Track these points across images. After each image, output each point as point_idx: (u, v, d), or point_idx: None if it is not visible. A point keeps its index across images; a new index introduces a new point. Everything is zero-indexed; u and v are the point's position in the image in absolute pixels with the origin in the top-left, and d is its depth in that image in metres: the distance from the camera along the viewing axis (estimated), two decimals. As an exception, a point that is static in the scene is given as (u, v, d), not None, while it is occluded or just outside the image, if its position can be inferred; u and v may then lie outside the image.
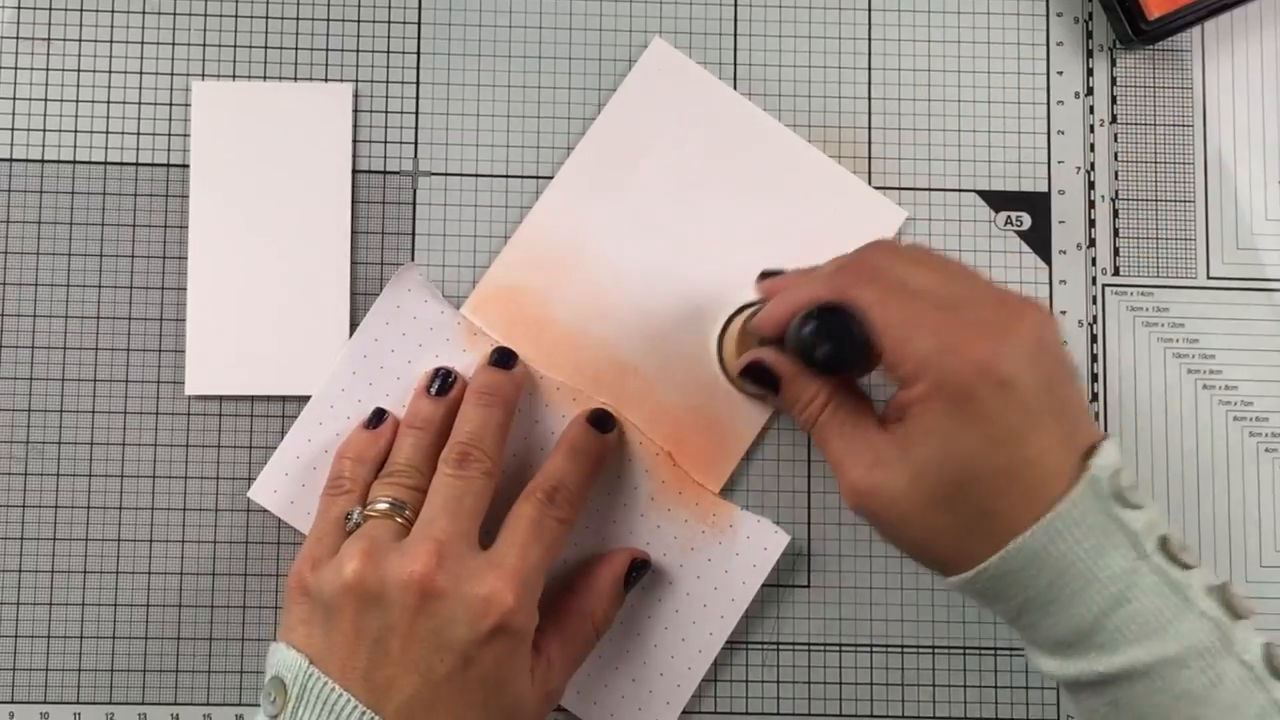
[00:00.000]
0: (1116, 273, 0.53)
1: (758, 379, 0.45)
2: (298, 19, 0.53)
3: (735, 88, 0.53)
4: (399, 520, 0.44)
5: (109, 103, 0.52)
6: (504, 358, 0.49)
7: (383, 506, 0.44)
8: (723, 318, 0.51)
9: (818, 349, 0.40)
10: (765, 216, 0.52)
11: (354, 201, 0.52)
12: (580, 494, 0.46)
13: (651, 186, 0.52)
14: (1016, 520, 0.38)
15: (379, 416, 0.49)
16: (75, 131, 0.52)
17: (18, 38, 0.52)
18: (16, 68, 0.52)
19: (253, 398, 0.51)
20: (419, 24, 0.53)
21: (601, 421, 0.49)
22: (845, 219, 0.52)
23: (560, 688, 0.46)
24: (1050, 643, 0.39)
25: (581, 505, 0.47)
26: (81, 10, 0.52)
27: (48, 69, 0.52)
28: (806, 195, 0.52)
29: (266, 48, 0.53)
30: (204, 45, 0.53)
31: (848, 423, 0.41)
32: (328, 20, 0.53)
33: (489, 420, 0.46)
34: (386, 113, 0.53)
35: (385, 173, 0.53)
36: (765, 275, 0.50)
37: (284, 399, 0.51)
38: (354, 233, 0.52)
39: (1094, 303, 0.53)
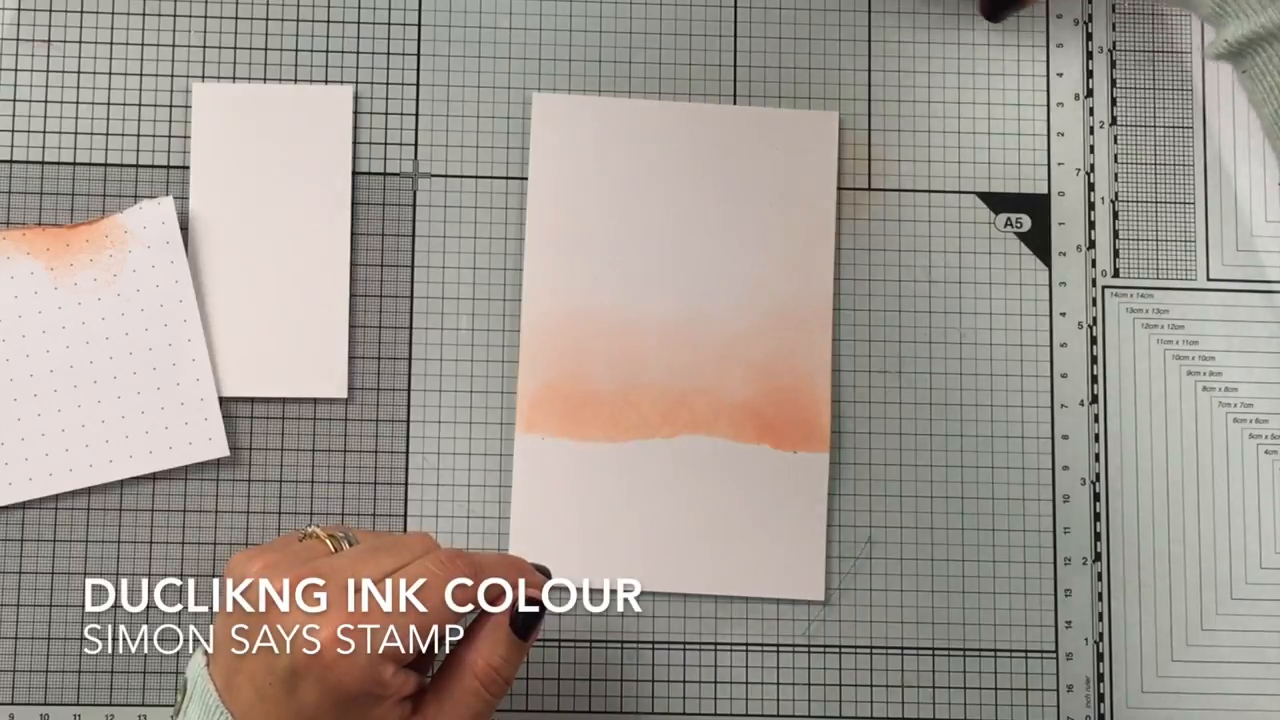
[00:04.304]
0: (1116, 274, 0.53)
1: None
2: (298, 20, 0.53)
3: (735, 89, 0.53)
4: (334, 551, 0.40)
5: (109, 104, 0.52)
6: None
7: (324, 532, 0.41)
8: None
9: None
10: (724, 190, 0.52)
11: (354, 203, 0.52)
12: (483, 567, 0.41)
13: (615, 224, 0.52)
14: None
15: None
16: (75, 134, 0.52)
17: (18, 39, 0.52)
18: (17, 70, 0.52)
19: (252, 399, 0.51)
20: (419, 25, 0.53)
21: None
22: (783, 146, 0.53)
23: None
24: None
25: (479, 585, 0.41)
26: (81, 12, 0.52)
27: (48, 71, 0.52)
28: (742, 146, 0.52)
29: (267, 49, 0.53)
30: (204, 47, 0.53)
31: None
32: (328, 22, 0.53)
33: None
34: (386, 114, 0.53)
35: (385, 174, 0.53)
36: None
37: (284, 400, 0.51)
38: (354, 234, 0.52)
39: (1094, 304, 0.53)
